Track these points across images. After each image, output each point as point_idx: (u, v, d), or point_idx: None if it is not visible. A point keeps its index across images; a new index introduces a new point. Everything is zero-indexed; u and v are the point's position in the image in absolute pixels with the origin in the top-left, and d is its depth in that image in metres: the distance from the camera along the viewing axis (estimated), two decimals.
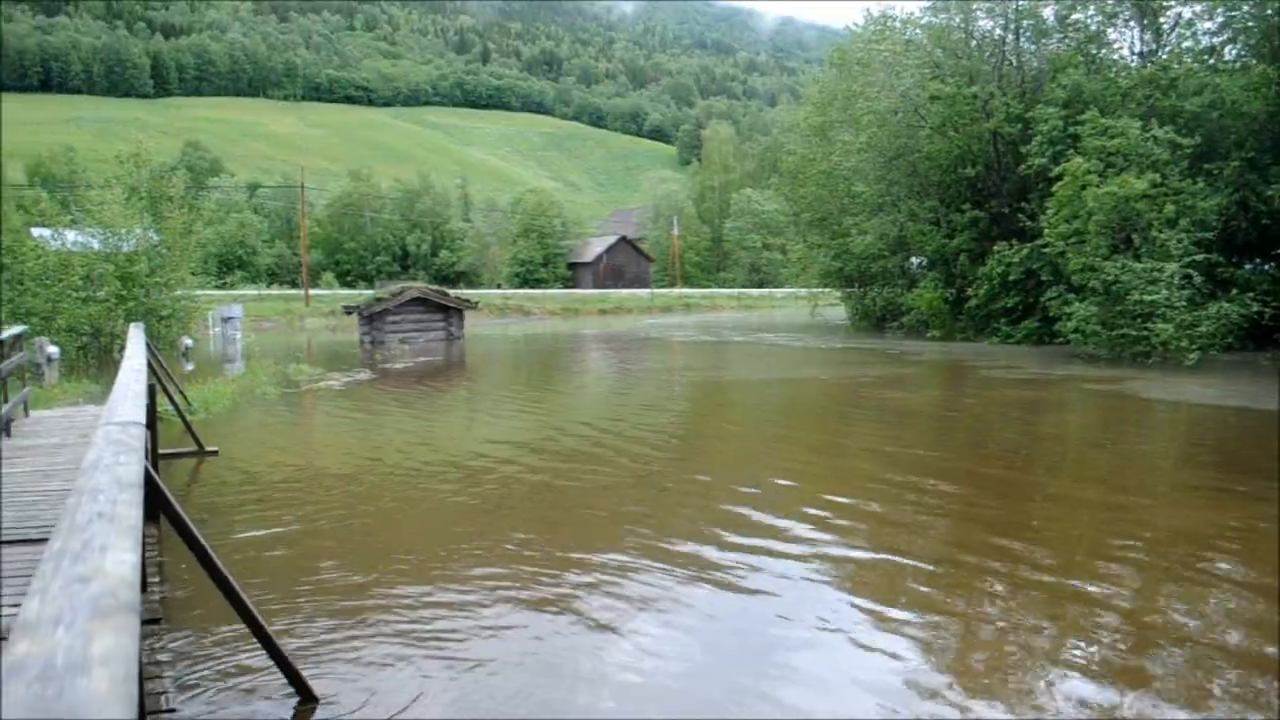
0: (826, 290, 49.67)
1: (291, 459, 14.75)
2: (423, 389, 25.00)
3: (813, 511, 10.34)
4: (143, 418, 4.45)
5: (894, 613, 7.19)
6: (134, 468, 3.24)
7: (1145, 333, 25.83)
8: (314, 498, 11.75)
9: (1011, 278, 33.24)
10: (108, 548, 2.13)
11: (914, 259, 41.96)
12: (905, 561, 8.56)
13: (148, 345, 12.68)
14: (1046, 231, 29.41)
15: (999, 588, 7.79)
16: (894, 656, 6.29)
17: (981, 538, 9.25)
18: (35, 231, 32.41)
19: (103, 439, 3.72)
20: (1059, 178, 28.91)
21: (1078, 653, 6.36)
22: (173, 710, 4.77)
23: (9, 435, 12.33)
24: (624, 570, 8.24)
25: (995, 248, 34.08)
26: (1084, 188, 27.77)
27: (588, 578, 8.04)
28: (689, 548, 8.91)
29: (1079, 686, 5.83)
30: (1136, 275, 26.11)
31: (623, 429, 16.61)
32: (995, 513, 10.36)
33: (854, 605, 7.37)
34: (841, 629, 6.82)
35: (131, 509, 2.61)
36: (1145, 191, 26.67)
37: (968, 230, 36.84)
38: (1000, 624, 6.95)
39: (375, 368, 30.32)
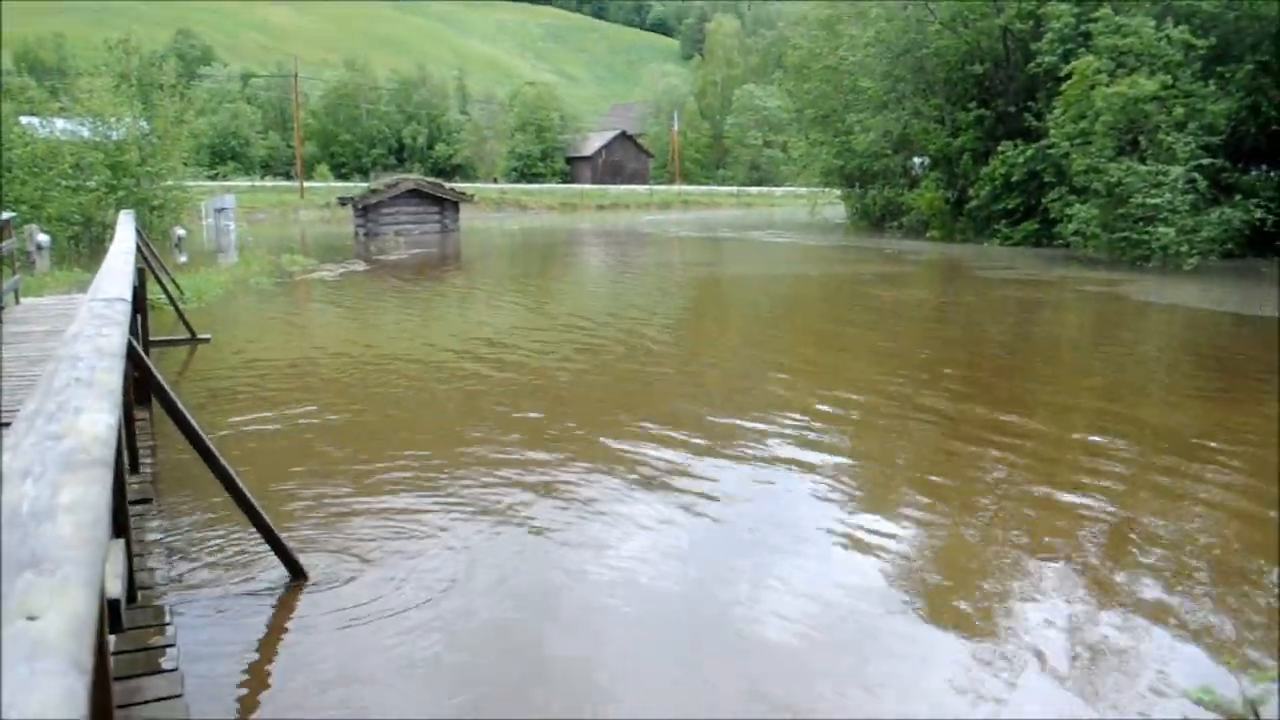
0: (827, 189, 49.22)
1: (285, 346, 14.79)
2: (417, 281, 24.96)
3: (801, 407, 10.40)
4: (128, 295, 4.42)
5: (877, 514, 7.28)
6: (116, 339, 3.22)
7: (1146, 236, 25.63)
8: (307, 384, 11.81)
9: (1014, 179, 32.86)
10: (83, 409, 2.12)
11: (916, 158, 41.45)
12: (889, 460, 8.64)
13: (138, 231, 12.57)
14: (1052, 132, 28.95)
15: (989, 480, 7.88)
16: (876, 555, 6.37)
17: (972, 433, 9.33)
18: (23, 119, 31.81)
19: (86, 313, 3.69)
20: (1068, 76, 28.34)
21: (1059, 552, 6.45)
22: (160, 586, 4.83)
23: (0, 323, 12.31)
24: (615, 461, 8.32)
25: (1000, 148, 33.60)
26: (1093, 87, 27.25)
27: (575, 468, 8.11)
28: (679, 437, 8.98)
29: (1057, 583, 5.94)
30: (1141, 178, 25.80)
31: (618, 323, 16.62)
32: (985, 412, 10.42)
33: (838, 502, 7.46)
34: (824, 528, 6.90)
35: (111, 375, 2.60)
36: (1155, 93, 26.18)
37: (972, 129, 36.28)
38: (985, 524, 7.04)
39: (369, 259, 30.21)
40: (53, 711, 0.90)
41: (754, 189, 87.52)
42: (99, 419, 2.06)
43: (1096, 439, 9.21)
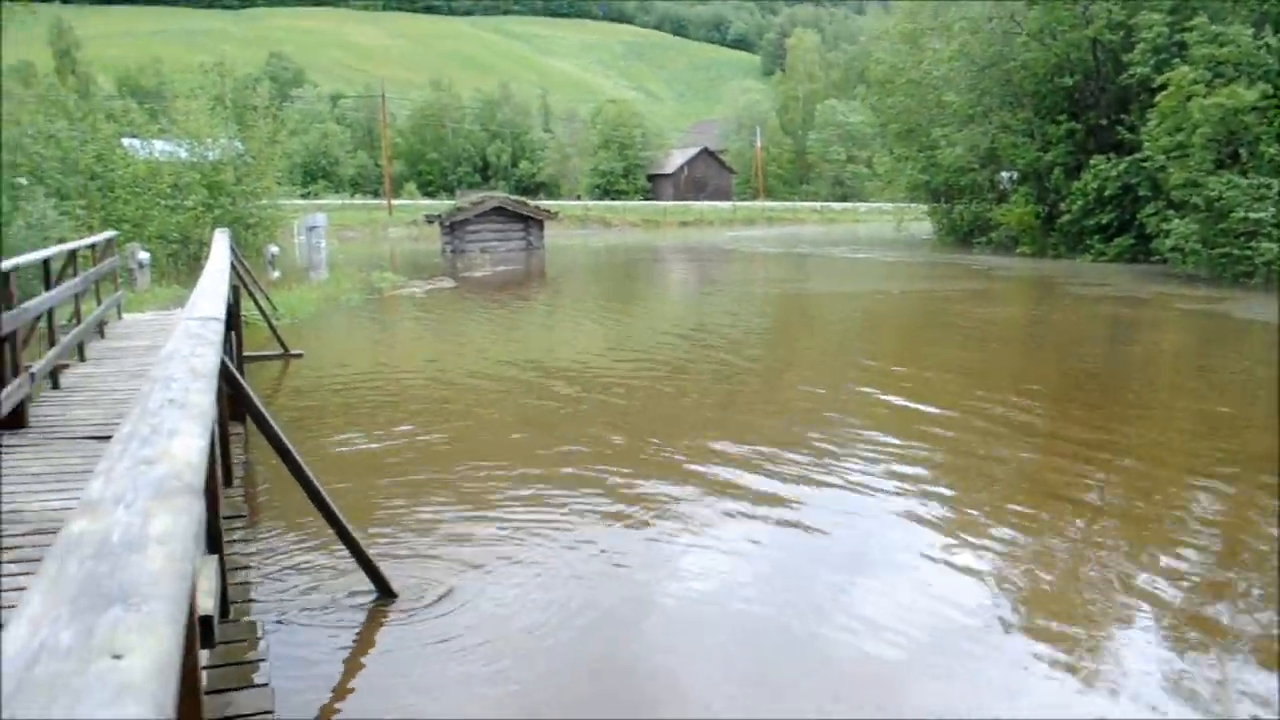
0: (912, 205, 48.58)
1: (374, 362, 15.02)
2: (503, 298, 25.21)
3: (891, 425, 10.19)
4: (221, 314, 4.48)
5: (969, 535, 7.07)
6: (209, 359, 3.25)
7: (1248, 252, 24.73)
8: (397, 400, 11.96)
9: (1108, 193, 32.00)
10: (176, 432, 2.12)
11: (1004, 173, 40.64)
12: (981, 480, 8.40)
13: (231, 249, 12.87)
14: (1147, 145, 28.15)
15: (1083, 502, 7.61)
16: (969, 577, 6.17)
17: (1069, 452, 9.04)
18: (125, 141, 32.99)
19: (181, 333, 3.74)
20: (1162, 88, 27.54)
21: (1160, 573, 6.19)
22: (253, 601, 4.88)
23: (102, 336, 12.69)
24: (703, 482, 8.22)
25: (1091, 161, 32.77)
26: (1189, 99, 26.44)
27: (664, 488, 8.02)
28: (767, 455, 8.85)
29: (1154, 611, 5.69)
30: (1242, 191, 24.90)
31: (703, 340, 16.53)
32: (1082, 430, 10.10)
33: (930, 523, 7.25)
34: (916, 549, 6.71)
35: (203, 396, 2.61)
36: (1255, 103, 25.31)
37: (1063, 143, 35.45)
38: (1080, 544, 6.79)
39: (456, 276, 30.62)
40: None
41: (838, 204, 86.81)
42: (191, 444, 2.05)
43: (1199, 463, 8.86)
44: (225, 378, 5.43)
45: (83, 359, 11.15)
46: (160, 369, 2.92)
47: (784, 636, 5.38)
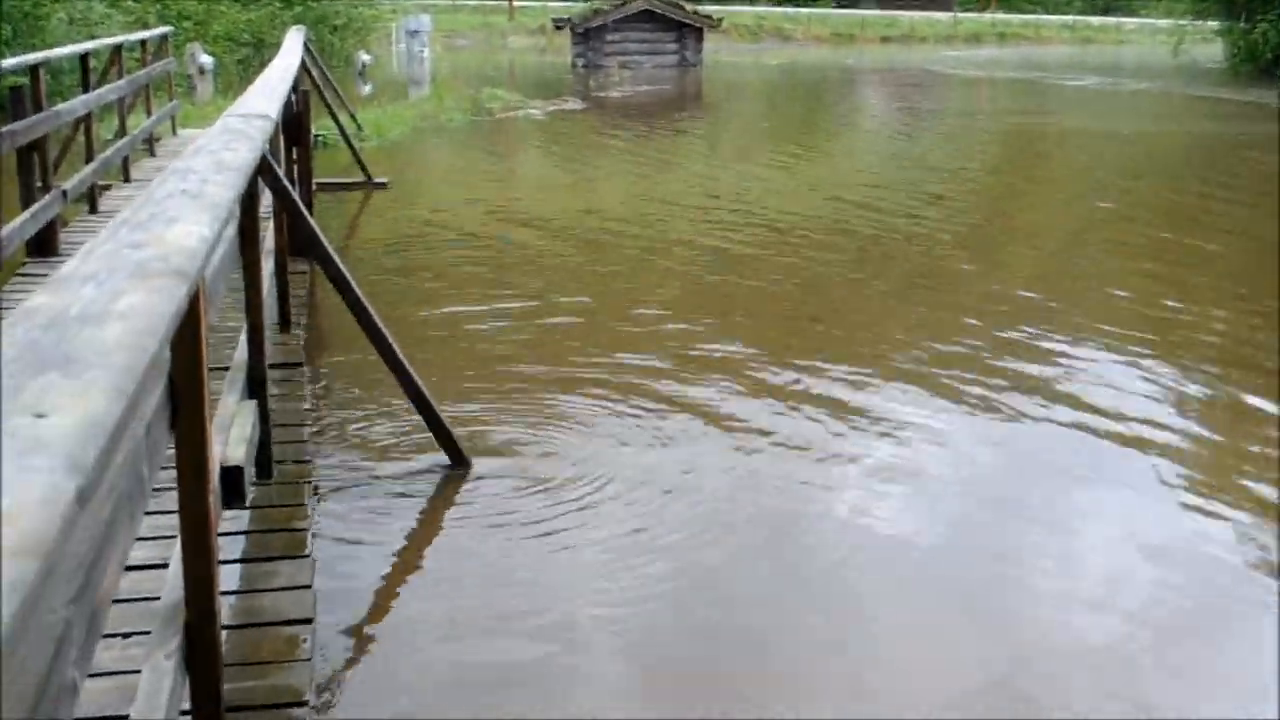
0: (1197, 21, 46.25)
1: (474, 199, 15.29)
2: (644, 127, 25.17)
3: (1140, 320, 9.90)
4: (273, 114, 4.62)
5: (1215, 478, 6.81)
6: (243, 154, 3.38)
7: None
8: (496, 245, 12.17)
9: None
10: (177, 220, 2.23)
11: None
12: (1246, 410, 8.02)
13: (307, 48, 13.16)
14: None
15: None
16: (1213, 517, 5.99)
17: None
18: None
19: (218, 129, 3.89)
20: None
21: None
22: (304, 462, 5.15)
23: (152, 154, 13.27)
24: (877, 389, 7.96)
25: None
26: None
27: (821, 389, 7.74)
28: (958, 374, 8.65)
29: None
30: None
31: (899, 197, 16.05)
32: None
33: (1167, 460, 6.95)
34: (1149, 484, 6.44)
35: (224, 190, 2.72)
36: None
37: None
38: None
39: (588, 96, 30.68)
40: (29, 509, 0.95)
41: (1095, 19, 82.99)
42: (191, 230, 2.15)
43: None
44: (277, 195, 5.63)
45: (127, 179, 11.71)
46: (181, 162, 3.06)
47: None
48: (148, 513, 2.17)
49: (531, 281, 10.63)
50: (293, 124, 8.96)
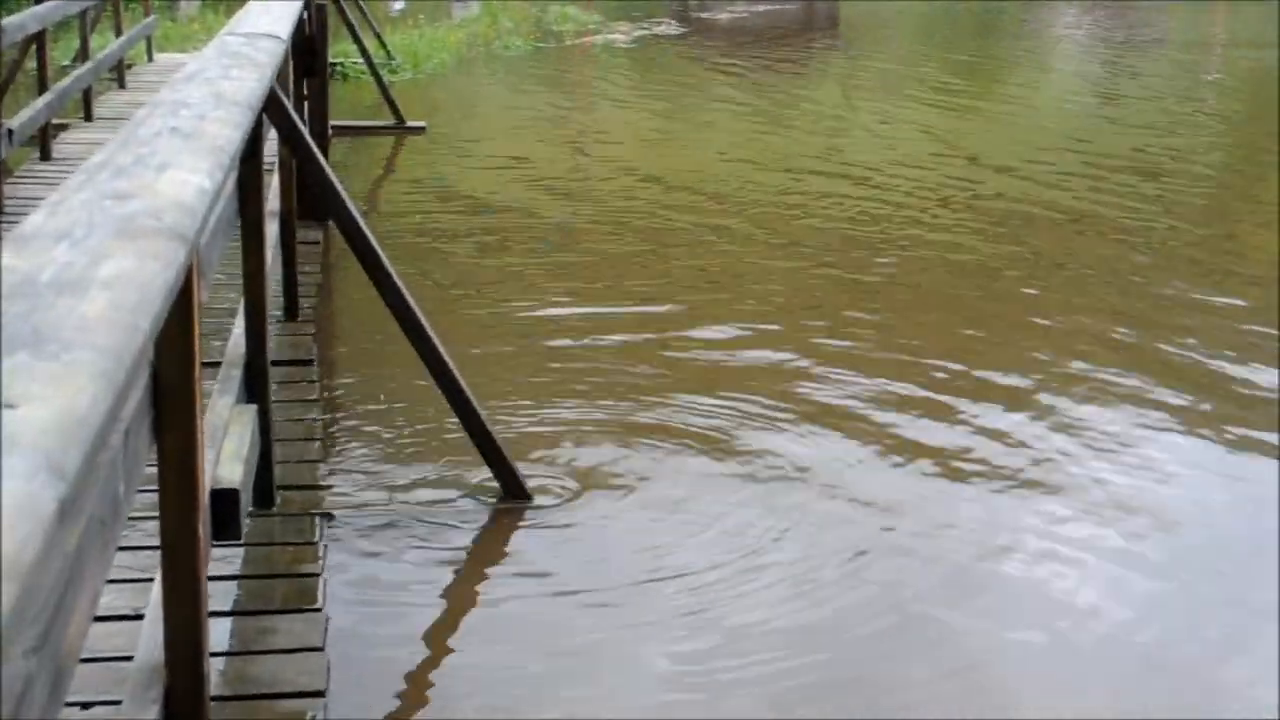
0: None
1: (532, 151, 15.01)
2: (755, 60, 24.68)
3: None
4: (284, 34, 4.61)
5: None
6: (249, 84, 3.36)
7: None
8: (559, 214, 12.00)
9: None
10: (170, 166, 2.20)
11: None
12: None
13: None
14: None
15: None
16: None
17: None
18: None
19: (213, 50, 3.87)
20: None
21: None
22: (315, 488, 5.13)
23: (123, 87, 13.26)
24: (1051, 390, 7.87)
25: None
26: None
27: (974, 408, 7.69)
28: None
29: None
30: None
31: (1085, 166, 15.37)
32: None
33: None
34: None
35: (226, 129, 2.70)
36: None
37: None
38: None
39: (687, 17, 30.23)
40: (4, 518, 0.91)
41: None
42: (188, 179, 2.12)
43: None
44: (286, 140, 5.59)
45: (89, 118, 11.68)
46: (171, 92, 3.04)
47: None
48: (120, 548, 2.13)
49: (581, 237, 10.81)
50: (303, 48, 8.74)
